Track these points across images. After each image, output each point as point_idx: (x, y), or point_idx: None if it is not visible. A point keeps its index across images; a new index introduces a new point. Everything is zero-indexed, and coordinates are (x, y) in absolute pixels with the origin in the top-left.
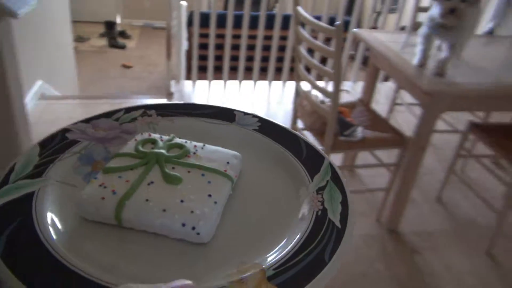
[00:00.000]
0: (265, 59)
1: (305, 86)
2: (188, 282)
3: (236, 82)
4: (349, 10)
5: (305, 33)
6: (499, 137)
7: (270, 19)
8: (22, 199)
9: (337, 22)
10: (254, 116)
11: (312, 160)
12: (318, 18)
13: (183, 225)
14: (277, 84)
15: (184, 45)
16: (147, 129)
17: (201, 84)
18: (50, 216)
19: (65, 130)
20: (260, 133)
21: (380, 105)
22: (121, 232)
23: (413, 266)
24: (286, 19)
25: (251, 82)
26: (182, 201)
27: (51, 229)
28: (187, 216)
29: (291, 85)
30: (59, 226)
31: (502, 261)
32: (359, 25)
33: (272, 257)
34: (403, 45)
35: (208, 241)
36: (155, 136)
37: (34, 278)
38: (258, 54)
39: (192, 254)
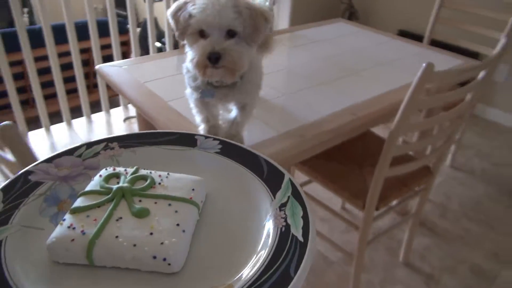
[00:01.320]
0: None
1: None
2: None
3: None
4: None
5: None
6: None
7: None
8: None
9: None
10: (215, 139)
11: (273, 178)
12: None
13: (154, 257)
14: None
15: None
16: (111, 163)
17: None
18: (20, 264)
19: (27, 173)
20: (222, 155)
21: None
22: (94, 270)
23: None
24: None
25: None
26: (151, 233)
27: (22, 276)
28: (157, 248)
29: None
30: (31, 273)
31: None
32: None
33: (243, 276)
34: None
35: (179, 270)
36: (120, 169)
37: None
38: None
39: (165, 284)
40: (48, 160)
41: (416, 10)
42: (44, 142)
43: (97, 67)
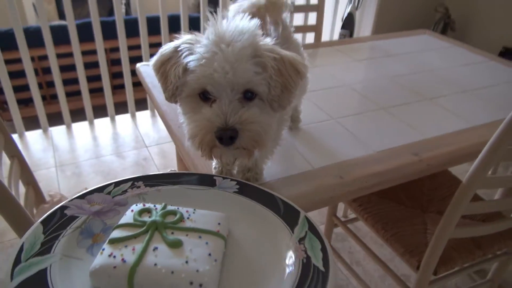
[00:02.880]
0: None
1: None
2: None
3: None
4: None
5: None
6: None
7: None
8: (36, 276)
9: None
10: (232, 180)
11: (289, 215)
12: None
13: (191, 283)
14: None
15: None
16: (138, 200)
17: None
18: None
19: (63, 208)
20: (241, 195)
21: None
22: None
23: None
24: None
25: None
26: (186, 262)
27: None
28: (193, 275)
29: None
30: None
31: None
32: None
33: None
34: None
35: None
36: (149, 205)
37: None
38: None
39: None
40: (81, 197)
41: None
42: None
43: (137, 65)
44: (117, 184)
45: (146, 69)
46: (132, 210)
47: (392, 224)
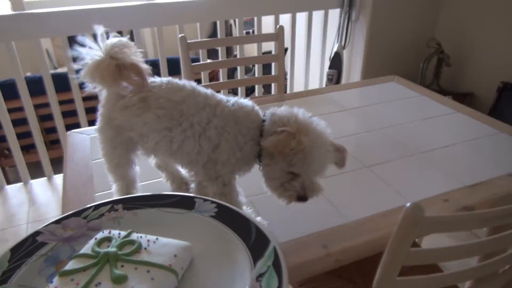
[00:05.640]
0: None
1: None
2: None
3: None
4: None
5: None
6: None
7: None
8: None
9: None
10: (213, 202)
11: (258, 245)
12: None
13: None
14: None
15: None
16: (112, 224)
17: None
18: None
19: (36, 233)
20: (216, 220)
21: None
22: None
23: None
24: None
25: None
26: None
27: None
28: None
29: None
30: None
31: None
32: None
33: None
34: None
35: None
36: (114, 233)
37: None
38: None
39: None
40: (57, 221)
41: None
42: None
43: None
44: (97, 207)
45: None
46: (95, 238)
47: None
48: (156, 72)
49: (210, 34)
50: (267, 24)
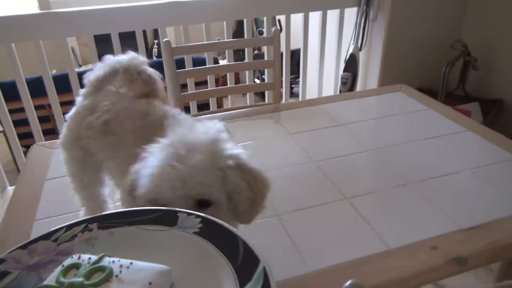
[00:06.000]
0: None
1: None
2: None
3: None
4: None
5: None
6: None
7: None
8: None
9: None
10: (197, 216)
11: (246, 265)
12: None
13: None
14: None
15: None
16: (85, 247)
17: None
18: None
19: None
20: (199, 236)
21: None
22: None
23: None
24: None
25: None
26: None
27: None
28: None
29: None
30: None
31: None
32: None
33: None
34: None
35: None
36: (84, 258)
37: None
38: None
39: None
40: (24, 247)
41: None
42: None
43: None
44: (69, 227)
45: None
46: (63, 265)
47: None
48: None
49: (235, 31)
50: (296, 21)
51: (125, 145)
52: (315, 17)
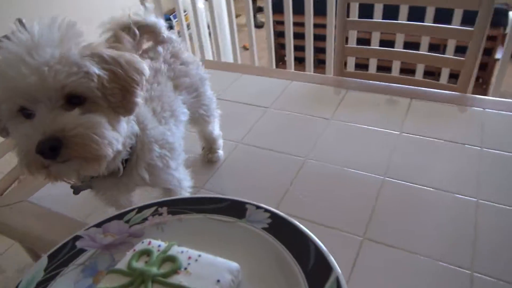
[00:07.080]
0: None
1: None
2: None
3: None
4: None
5: None
6: None
7: None
8: None
9: None
10: (266, 210)
11: (318, 271)
12: None
13: None
14: None
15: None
16: (155, 231)
17: None
18: None
19: (76, 238)
20: (268, 233)
21: None
22: None
23: None
24: None
25: None
26: None
27: None
28: None
29: None
30: None
31: None
32: None
33: None
34: None
35: None
36: (154, 244)
37: None
38: None
39: None
40: (98, 225)
41: None
42: None
43: None
44: (140, 209)
45: None
46: (134, 250)
47: None
48: None
49: None
50: None
51: None
52: None
